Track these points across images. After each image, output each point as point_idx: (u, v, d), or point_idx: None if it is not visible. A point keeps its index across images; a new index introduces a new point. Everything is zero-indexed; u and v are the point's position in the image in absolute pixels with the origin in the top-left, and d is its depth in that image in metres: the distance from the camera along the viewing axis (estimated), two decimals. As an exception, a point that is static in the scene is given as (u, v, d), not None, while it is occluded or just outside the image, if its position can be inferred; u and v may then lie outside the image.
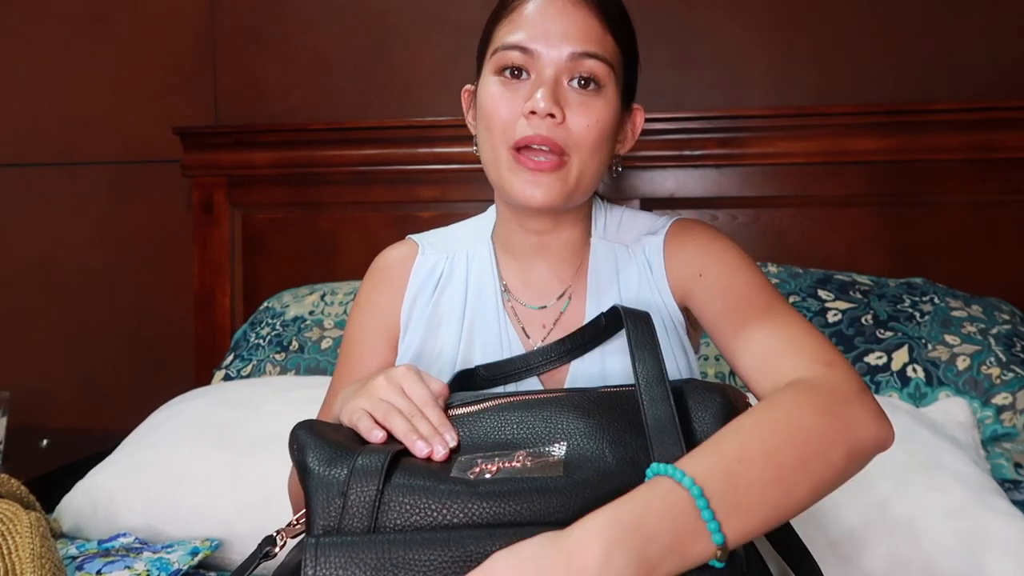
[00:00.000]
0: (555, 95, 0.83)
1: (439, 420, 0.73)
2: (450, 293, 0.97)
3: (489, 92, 0.87)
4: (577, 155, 0.85)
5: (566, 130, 0.83)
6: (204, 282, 2.05)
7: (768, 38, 1.85)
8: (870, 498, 1.12)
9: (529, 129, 0.83)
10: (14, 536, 0.95)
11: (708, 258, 0.90)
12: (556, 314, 0.94)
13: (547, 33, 0.83)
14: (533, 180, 0.84)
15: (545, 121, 0.83)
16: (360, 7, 2.02)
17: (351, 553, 0.61)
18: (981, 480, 1.16)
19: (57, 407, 2.18)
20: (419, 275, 0.98)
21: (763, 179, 1.79)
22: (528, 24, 0.84)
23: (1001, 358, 1.46)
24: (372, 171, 1.95)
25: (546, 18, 0.84)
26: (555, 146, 0.83)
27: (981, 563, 1.05)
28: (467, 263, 0.98)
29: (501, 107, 0.85)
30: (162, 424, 1.44)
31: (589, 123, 0.84)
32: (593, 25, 0.84)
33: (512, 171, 0.85)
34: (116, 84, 2.14)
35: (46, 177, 2.19)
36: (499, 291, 0.95)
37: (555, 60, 0.84)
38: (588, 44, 0.84)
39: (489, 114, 0.87)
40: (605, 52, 0.85)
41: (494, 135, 0.86)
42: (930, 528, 1.08)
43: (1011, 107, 1.67)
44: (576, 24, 0.84)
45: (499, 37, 0.87)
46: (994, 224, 1.71)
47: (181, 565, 1.13)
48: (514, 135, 0.84)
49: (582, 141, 0.84)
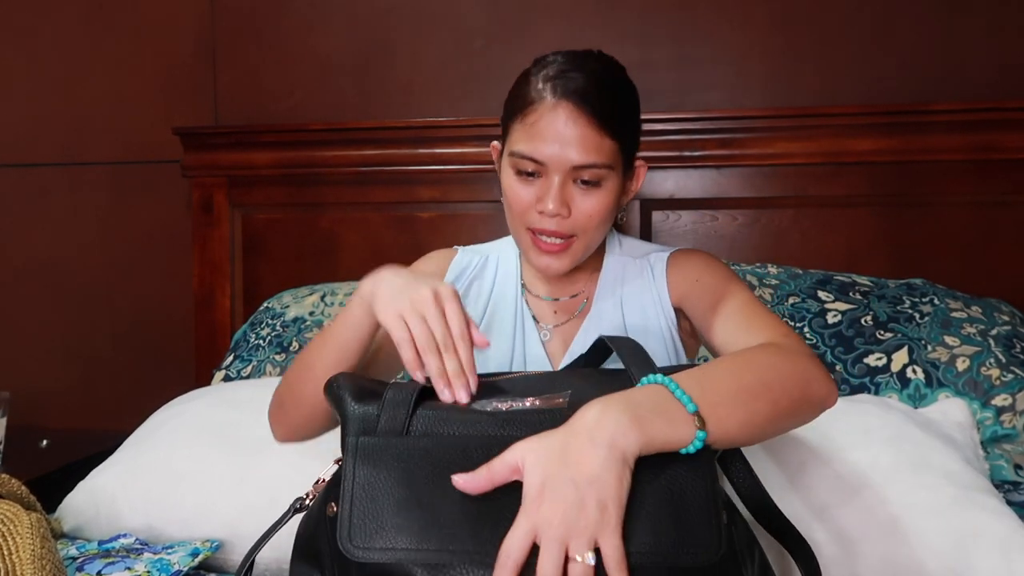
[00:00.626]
0: (562, 197, 1.01)
1: (467, 359, 0.83)
2: (478, 286, 1.19)
3: (509, 184, 1.06)
4: (583, 236, 1.04)
5: (572, 221, 1.02)
6: (204, 282, 2.05)
7: (768, 39, 1.85)
8: (859, 497, 1.12)
9: (540, 223, 1.03)
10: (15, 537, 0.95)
11: (705, 268, 1.10)
12: (569, 307, 1.16)
13: (554, 148, 1.00)
14: (547, 258, 1.05)
15: (554, 219, 1.02)
16: (360, 7, 2.02)
17: (384, 446, 0.73)
18: (971, 478, 1.16)
19: (57, 407, 2.18)
20: (454, 270, 1.20)
21: (763, 180, 1.80)
22: (538, 138, 1.00)
23: (1001, 359, 1.46)
24: (372, 171, 1.95)
25: (553, 133, 1.00)
26: (564, 235, 1.03)
27: (970, 561, 1.05)
28: (497, 264, 1.21)
29: (521, 198, 1.04)
30: (163, 425, 1.44)
31: (592, 213, 1.02)
32: (592, 136, 0.99)
33: (530, 249, 1.06)
34: (116, 84, 2.14)
35: (46, 177, 2.19)
36: (519, 285, 1.18)
37: (561, 168, 1.00)
38: (587, 155, 0.99)
39: (511, 201, 1.06)
40: (602, 158, 1.00)
41: (514, 216, 1.06)
42: (918, 527, 1.08)
43: (1011, 108, 1.67)
44: (577, 137, 0.99)
45: (516, 139, 1.03)
46: (994, 225, 1.71)
47: (182, 566, 1.13)
48: (530, 222, 1.04)
49: (587, 225, 1.03)
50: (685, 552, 0.66)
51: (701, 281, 1.08)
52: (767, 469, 1.15)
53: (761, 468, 1.04)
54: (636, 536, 0.66)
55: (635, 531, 0.66)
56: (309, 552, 0.77)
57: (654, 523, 0.67)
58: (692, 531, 0.67)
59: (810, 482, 1.14)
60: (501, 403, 0.79)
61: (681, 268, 1.12)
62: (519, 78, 1.06)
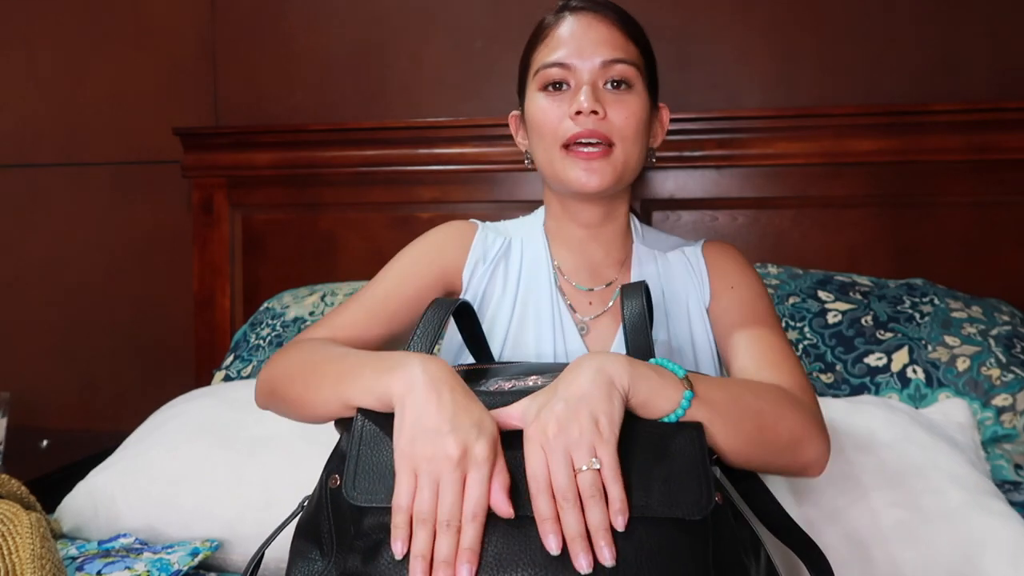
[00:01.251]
0: (595, 95, 0.96)
1: (471, 542, 0.68)
2: (504, 271, 1.08)
3: (538, 106, 1.00)
4: (621, 144, 0.98)
5: (609, 124, 0.97)
6: (204, 283, 2.05)
7: (768, 39, 1.85)
8: (867, 500, 1.12)
9: (577, 127, 0.96)
10: (14, 537, 0.95)
11: (743, 278, 1.06)
12: (603, 298, 1.07)
13: (580, 48, 0.98)
14: (587, 168, 0.97)
15: (590, 118, 0.96)
16: (360, 8, 2.02)
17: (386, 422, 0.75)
18: (978, 482, 1.16)
19: (57, 408, 2.18)
20: (479, 249, 1.08)
21: (763, 180, 1.80)
22: (562, 44, 0.98)
23: (1001, 359, 1.46)
24: (372, 172, 1.95)
25: (576, 36, 0.98)
26: (603, 137, 0.96)
27: (977, 565, 1.05)
28: (522, 247, 1.10)
29: (551, 114, 0.98)
30: (163, 425, 1.44)
31: (627, 115, 0.97)
32: (617, 36, 0.99)
33: (566, 163, 0.98)
34: (116, 84, 2.14)
35: (46, 178, 2.19)
36: (552, 272, 1.07)
37: (590, 68, 0.97)
38: (616, 51, 0.98)
39: (540, 123, 1.00)
40: (631, 57, 0.99)
41: (546, 140, 0.99)
42: (927, 530, 1.08)
43: (1011, 108, 1.67)
44: (603, 36, 0.98)
45: (538, 59, 1.01)
46: (994, 225, 1.71)
47: (181, 566, 1.13)
48: (564, 134, 0.97)
49: (625, 131, 0.97)
50: (676, 506, 0.69)
51: (737, 291, 1.04)
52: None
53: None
54: (628, 493, 0.69)
55: (628, 488, 0.69)
56: (309, 530, 0.79)
57: (645, 482, 0.70)
58: (682, 487, 0.70)
59: (818, 485, 1.13)
60: (505, 382, 0.81)
61: (721, 269, 1.07)
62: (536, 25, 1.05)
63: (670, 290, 1.07)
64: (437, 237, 1.10)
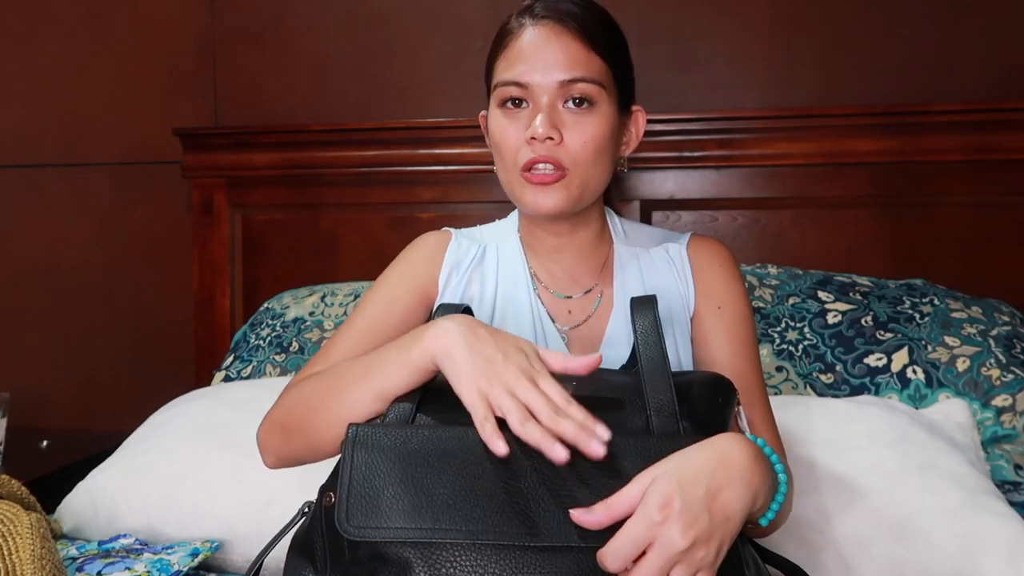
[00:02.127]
0: (551, 120, 0.92)
1: (584, 416, 0.70)
2: (480, 278, 1.06)
3: (497, 124, 0.97)
4: (576, 169, 0.94)
5: (564, 149, 0.93)
6: (204, 283, 2.05)
7: (768, 39, 1.85)
8: (866, 500, 1.12)
9: (532, 153, 0.93)
10: (15, 537, 0.95)
11: (727, 295, 1.02)
12: (583, 306, 1.04)
13: (537, 65, 0.93)
14: (542, 191, 0.94)
15: (545, 144, 0.92)
16: (360, 8, 2.02)
17: (382, 433, 0.73)
18: (978, 481, 1.16)
19: (57, 408, 2.18)
20: (452, 258, 1.06)
21: (763, 180, 1.80)
22: (520, 59, 0.94)
23: (1001, 360, 1.46)
24: (372, 172, 1.95)
25: (536, 51, 0.93)
26: (556, 163, 0.93)
27: (977, 564, 1.05)
28: (497, 253, 1.07)
29: (508, 136, 0.95)
30: (163, 425, 1.44)
31: (585, 140, 0.93)
32: (578, 50, 0.93)
33: (522, 187, 0.95)
34: (116, 85, 2.14)
35: (46, 178, 2.19)
36: (529, 279, 1.05)
37: (548, 88, 0.93)
38: (575, 70, 0.93)
39: (499, 143, 0.97)
40: (592, 74, 0.93)
41: (505, 161, 0.97)
42: (926, 530, 1.08)
43: (1011, 108, 1.67)
44: (562, 52, 0.93)
45: (498, 72, 0.97)
46: (994, 225, 1.71)
47: (181, 566, 1.13)
48: (521, 160, 0.94)
49: (580, 157, 0.93)
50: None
51: (723, 312, 1.01)
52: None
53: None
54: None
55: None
56: (304, 546, 0.78)
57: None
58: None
59: (818, 484, 1.13)
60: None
61: (708, 279, 1.03)
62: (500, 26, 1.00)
63: (652, 291, 1.03)
64: (410, 256, 1.08)
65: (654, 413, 0.75)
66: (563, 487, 0.69)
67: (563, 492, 0.69)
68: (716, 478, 0.67)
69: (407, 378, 0.79)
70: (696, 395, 0.76)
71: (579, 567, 0.67)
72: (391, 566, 0.69)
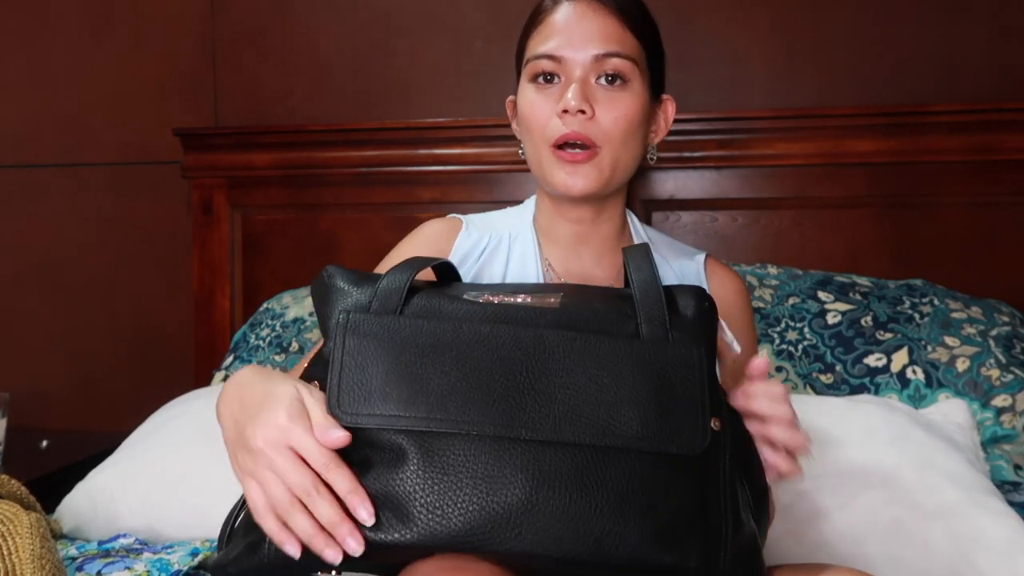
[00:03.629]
0: (584, 93, 0.91)
1: (349, 488, 0.66)
2: (490, 272, 1.02)
3: (527, 99, 0.96)
4: (608, 147, 0.92)
5: (596, 124, 0.91)
6: (204, 283, 2.05)
7: (768, 40, 1.85)
8: (864, 498, 1.12)
9: (564, 127, 0.91)
10: (14, 537, 0.95)
11: (741, 332, 0.99)
12: None
13: (572, 39, 0.92)
14: (572, 171, 0.92)
15: (577, 117, 0.91)
16: (360, 7, 2.02)
17: (374, 321, 0.73)
18: (975, 480, 1.16)
19: (57, 408, 2.18)
20: (461, 248, 1.03)
21: (763, 181, 1.80)
22: (555, 33, 0.93)
23: (1001, 360, 1.46)
24: (372, 172, 1.95)
25: (570, 26, 0.93)
26: (587, 140, 0.91)
27: (974, 563, 1.05)
28: (509, 244, 1.04)
29: (538, 110, 0.94)
30: (162, 425, 1.44)
31: (617, 116, 0.92)
32: (614, 26, 0.93)
33: (552, 165, 0.94)
34: (116, 85, 2.14)
35: (46, 178, 2.19)
36: (542, 271, 1.01)
37: (581, 62, 0.92)
38: (610, 44, 0.92)
39: (528, 118, 0.95)
40: (627, 50, 0.93)
41: (534, 136, 0.95)
42: (924, 528, 1.09)
43: (1011, 109, 1.67)
44: (597, 27, 0.92)
45: (531, 48, 0.96)
46: (994, 226, 1.71)
47: (181, 566, 1.13)
48: (552, 134, 0.93)
49: (612, 133, 0.92)
50: (670, 441, 0.69)
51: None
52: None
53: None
54: (624, 421, 0.68)
55: (623, 416, 0.68)
56: None
57: (643, 412, 0.69)
58: (678, 423, 0.69)
59: (815, 482, 1.14)
60: (492, 296, 0.79)
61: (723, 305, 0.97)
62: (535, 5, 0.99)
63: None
64: (418, 240, 1.06)
65: (644, 321, 0.75)
66: (559, 384, 0.70)
67: (559, 390, 0.70)
68: None
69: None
70: (682, 305, 0.77)
71: (572, 462, 0.67)
72: (386, 452, 0.68)
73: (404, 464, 0.68)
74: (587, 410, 0.69)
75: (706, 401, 0.71)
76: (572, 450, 0.68)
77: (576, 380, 0.70)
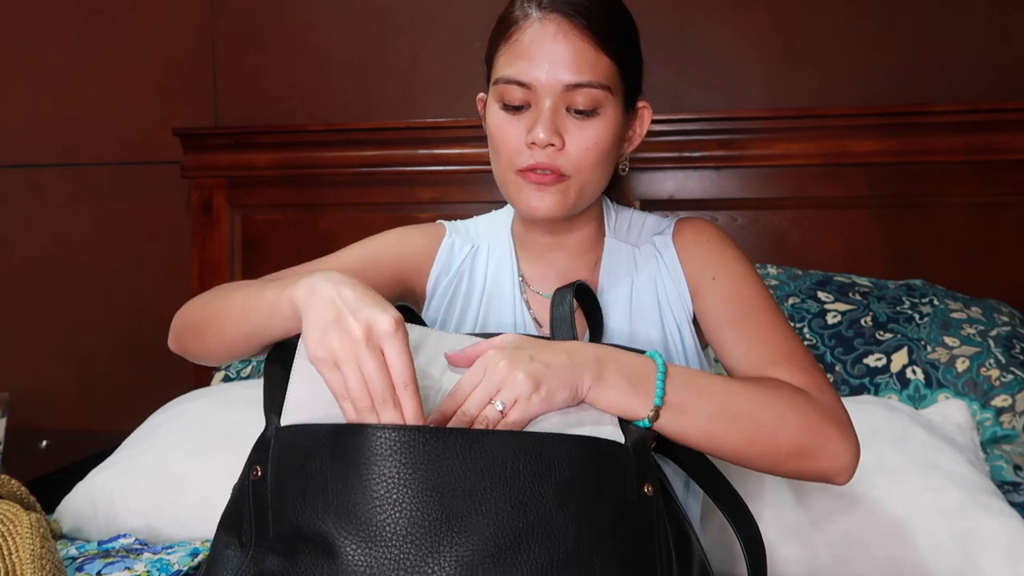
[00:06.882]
0: (554, 125, 0.87)
1: (413, 413, 0.69)
2: (469, 279, 1.03)
3: (495, 120, 0.92)
4: (577, 175, 0.90)
5: (565, 155, 0.89)
6: (203, 283, 2.05)
7: (767, 40, 1.85)
8: (866, 498, 1.12)
9: (531, 158, 0.89)
10: (14, 537, 0.95)
11: (720, 264, 0.97)
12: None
13: (542, 65, 0.87)
14: (539, 194, 0.90)
15: (546, 150, 0.88)
16: (360, 8, 2.02)
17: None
18: (977, 481, 1.16)
19: (57, 408, 2.18)
20: (443, 257, 1.04)
21: (762, 181, 1.80)
22: (524, 55, 0.88)
23: (1000, 360, 1.46)
24: (372, 172, 1.95)
25: (540, 48, 0.87)
26: (556, 169, 0.89)
27: (976, 563, 1.05)
28: (488, 255, 1.04)
29: (507, 136, 0.90)
30: (162, 425, 1.44)
31: (588, 146, 0.89)
32: (585, 49, 0.87)
33: (518, 188, 0.91)
34: (116, 84, 2.14)
35: (46, 177, 2.19)
36: (516, 282, 1.01)
37: (551, 90, 0.87)
38: (581, 73, 0.87)
39: (496, 141, 0.92)
40: (599, 77, 0.88)
41: (501, 160, 0.92)
42: (925, 529, 1.09)
43: (1011, 109, 1.67)
44: (568, 52, 0.87)
45: (500, 64, 0.91)
46: (993, 226, 1.71)
47: (181, 566, 1.13)
48: (519, 163, 0.90)
49: (582, 163, 0.89)
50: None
51: (719, 281, 0.95)
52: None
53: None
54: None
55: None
56: (231, 522, 0.77)
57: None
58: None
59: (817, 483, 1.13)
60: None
61: (696, 259, 0.98)
62: (505, 8, 0.93)
63: (640, 289, 0.99)
64: (403, 237, 1.06)
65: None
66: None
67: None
68: (544, 343, 0.75)
69: (276, 325, 0.79)
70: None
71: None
72: (313, 545, 0.66)
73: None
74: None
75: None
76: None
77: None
